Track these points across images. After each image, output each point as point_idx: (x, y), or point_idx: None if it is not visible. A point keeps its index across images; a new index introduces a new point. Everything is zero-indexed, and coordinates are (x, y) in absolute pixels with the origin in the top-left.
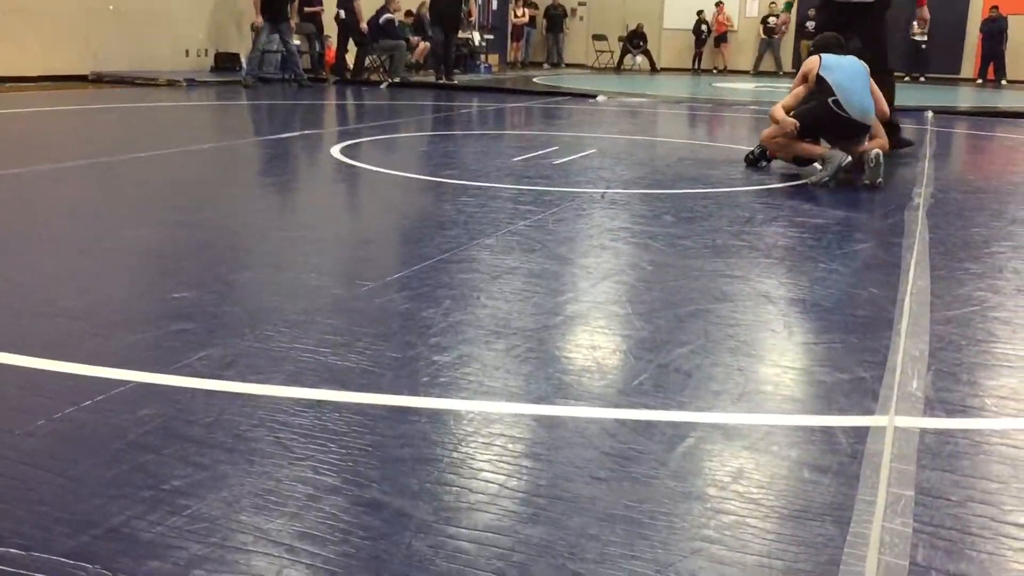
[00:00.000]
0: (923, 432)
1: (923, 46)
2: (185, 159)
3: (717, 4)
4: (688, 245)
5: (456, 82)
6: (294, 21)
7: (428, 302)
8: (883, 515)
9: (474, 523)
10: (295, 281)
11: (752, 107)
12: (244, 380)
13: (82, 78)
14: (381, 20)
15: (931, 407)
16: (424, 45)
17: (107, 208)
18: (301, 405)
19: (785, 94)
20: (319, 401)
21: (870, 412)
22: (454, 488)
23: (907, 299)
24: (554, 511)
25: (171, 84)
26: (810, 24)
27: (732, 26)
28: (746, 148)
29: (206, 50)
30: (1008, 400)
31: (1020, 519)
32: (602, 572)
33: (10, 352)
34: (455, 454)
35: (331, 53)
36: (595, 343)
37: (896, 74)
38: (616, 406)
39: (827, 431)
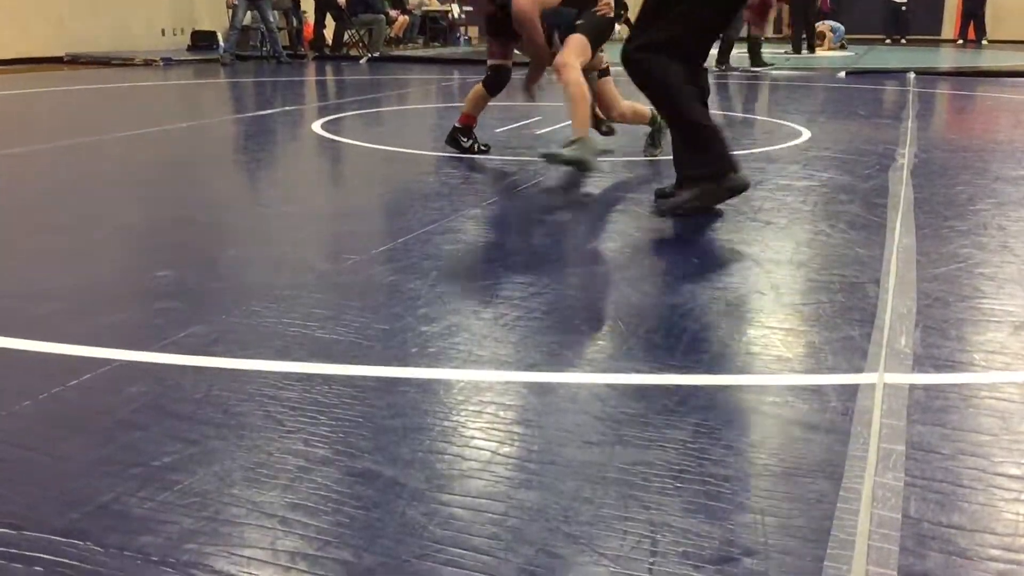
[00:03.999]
0: (912, 388)
1: (903, 8)
2: (165, 138)
3: None
4: None
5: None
6: None
7: (414, 274)
8: (875, 470)
9: (467, 490)
10: (280, 256)
11: (735, 72)
12: (231, 356)
13: (57, 60)
14: None
15: (920, 363)
16: (404, 18)
17: (88, 188)
18: (290, 379)
19: (767, 59)
20: (308, 375)
21: (859, 370)
22: (446, 456)
23: (893, 257)
24: (547, 476)
25: (148, 64)
26: None
27: None
28: (730, 113)
29: (182, 29)
30: (995, 354)
31: (1010, 470)
32: (596, 534)
33: None
34: (446, 423)
35: (309, 29)
36: (584, 309)
37: (877, 37)
38: (606, 371)
39: (817, 389)
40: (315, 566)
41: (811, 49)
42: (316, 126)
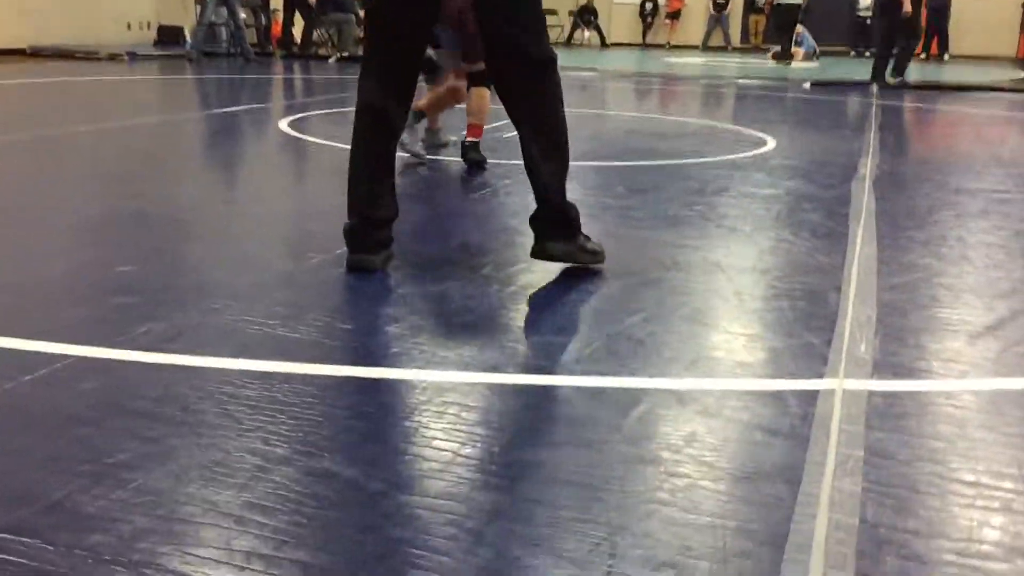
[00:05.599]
0: (871, 394)
1: (868, 22)
2: (129, 133)
3: None
4: (639, 216)
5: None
6: None
7: (378, 275)
8: (833, 475)
9: (426, 490)
10: (243, 254)
11: (703, 81)
12: (190, 353)
13: (19, 52)
14: None
15: (879, 370)
16: None
17: (48, 183)
18: (250, 377)
19: (733, 68)
20: (268, 373)
21: (819, 375)
22: (407, 456)
23: (854, 266)
24: (507, 477)
25: (113, 58)
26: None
27: (686, 2)
28: (697, 121)
29: (149, 23)
30: (952, 362)
31: (966, 476)
32: (555, 536)
33: None
34: (407, 423)
35: (278, 27)
36: (548, 312)
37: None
38: (570, 373)
39: (778, 395)
40: (271, 566)
41: (787, 59)
42: (283, 124)
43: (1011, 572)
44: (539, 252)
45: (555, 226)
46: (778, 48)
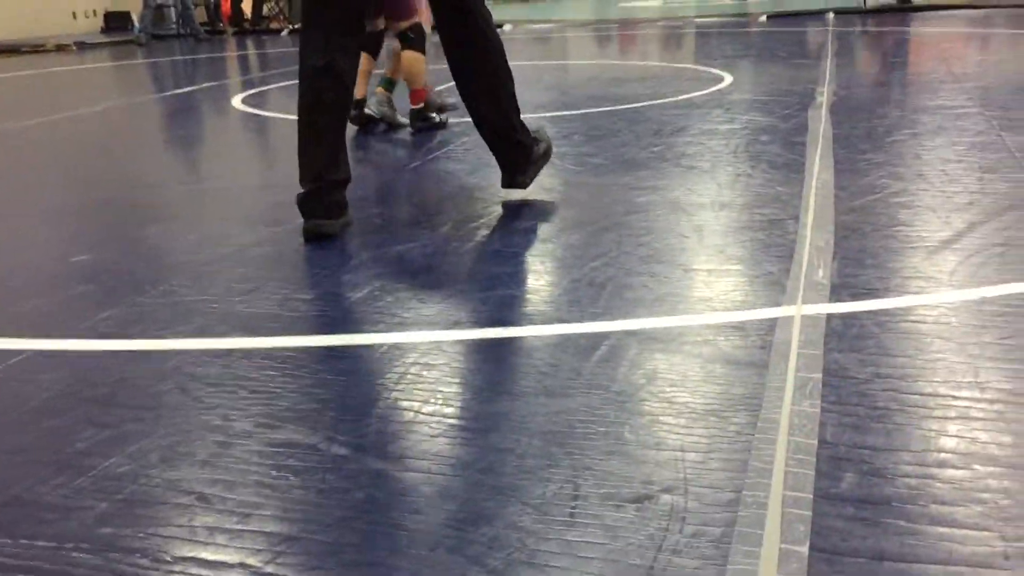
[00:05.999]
0: (830, 317)
1: None
2: (81, 122)
3: None
4: (598, 162)
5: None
6: None
7: (335, 242)
8: (792, 399)
9: (390, 452)
10: (200, 233)
11: (660, 23)
12: (149, 337)
13: None
14: None
15: (837, 293)
16: None
17: (1, 174)
18: (209, 355)
19: (692, 7)
20: (229, 350)
21: (778, 303)
22: (369, 420)
23: (812, 193)
24: (470, 431)
25: (60, 49)
26: None
27: None
28: (655, 64)
29: (94, 11)
30: (911, 279)
31: (924, 389)
32: (520, 484)
33: None
34: (368, 387)
35: (227, 4)
36: (507, 264)
37: None
38: (530, 324)
39: (738, 326)
40: (235, 539)
41: None
42: (237, 101)
43: (970, 477)
44: (505, 183)
45: (507, 156)
46: None
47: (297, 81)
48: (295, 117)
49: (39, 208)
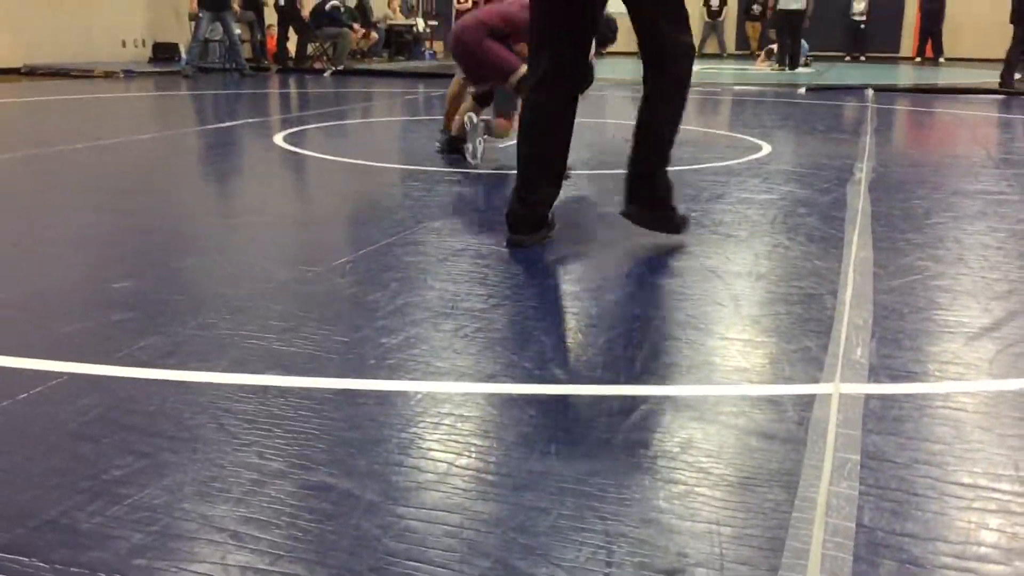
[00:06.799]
0: (868, 398)
1: (862, 25)
2: (125, 149)
3: None
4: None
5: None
6: (236, 9)
7: (375, 285)
8: (830, 479)
9: (423, 502)
10: (239, 267)
11: (698, 88)
12: (186, 368)
13: (14, 71)
14: (327, 7)
15: (875, 373)
16: (373, 36)
17: (45, 199)
18: (245, 391)
19: (728, 74)
20: (265, 387)
21: (816, 380)
22: (403, 468)
23: (850, 270)
24: (504, 487)
25: (108, 75)
26: (756, 7)
27: None
28: (692, 127)
29: (144, 40)
30: (949, 365)
31: (963, 479)
32: (552, 544)
33: None
34: (403, 435)
35: (272, 41)
36: (544, 321)
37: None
38: (566, 382)
39: (774, 400)
40: None
41: (794, 65)
42: (279, 138)
43: (1009, 575)
44: (625, 213)
45: (640, 191)
46: (771, 47)
47: (339, 122)
48: (336, 157)
49: (81, 233)
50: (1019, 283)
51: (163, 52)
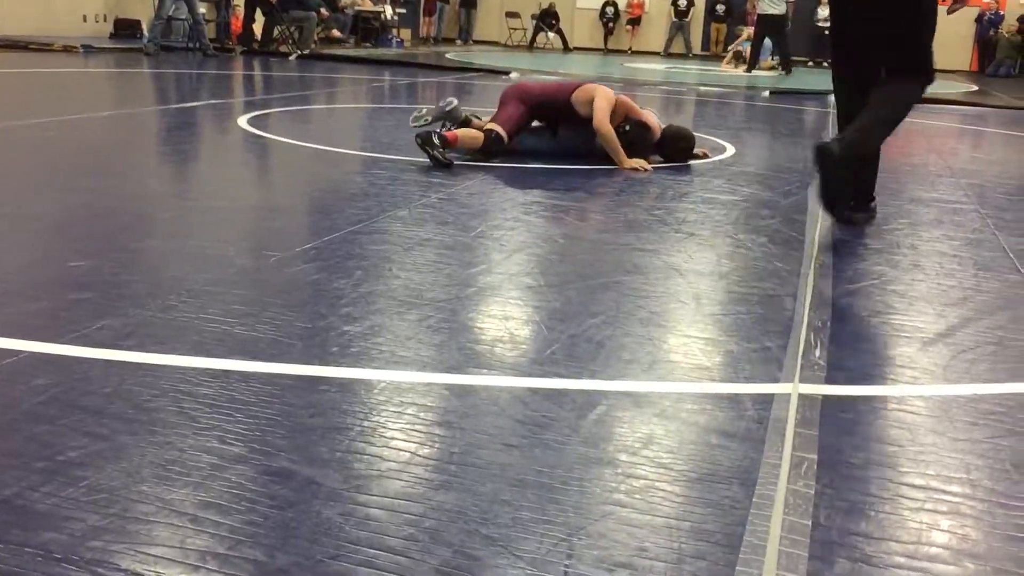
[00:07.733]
0: (825, 398)
1: (827, 32)
2: (84, 126)
3: None
4: (600, 219)
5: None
6: None
7: (338, 273)
8: (787, 477)
9: (384, 490)
10: (200, 251)
11: (663, 87)
12: (145, 350)
13: None
14: None
15: (832, 376)
16: (324, 12)
17: (1, 175)
18: (206, 375)
19: (694, 75)
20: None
21: (775, 379)
22: (364, 456)
23: (810, 272)
24: (466, 478)
25: (67, 50)
26: (720, 8)
27: (646, 10)
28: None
29: (104, 16)
30: (904, 368)
31: (915, 480)
32: (513, 536)
33: None
34: (366, 423)
35: (237, 23)
36: (507, 314)
37: (800, 59)
38: (528, 375)
39: (734, 398)
40: (225, 565)
41: (788, 69)
42: (242, 121)
43: (959, 575)
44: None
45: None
46: (739, 50)
47: (303, 107)
48: (300, 142)
49: (36, 211)
50: (973, 290)
51: (124, 28)
